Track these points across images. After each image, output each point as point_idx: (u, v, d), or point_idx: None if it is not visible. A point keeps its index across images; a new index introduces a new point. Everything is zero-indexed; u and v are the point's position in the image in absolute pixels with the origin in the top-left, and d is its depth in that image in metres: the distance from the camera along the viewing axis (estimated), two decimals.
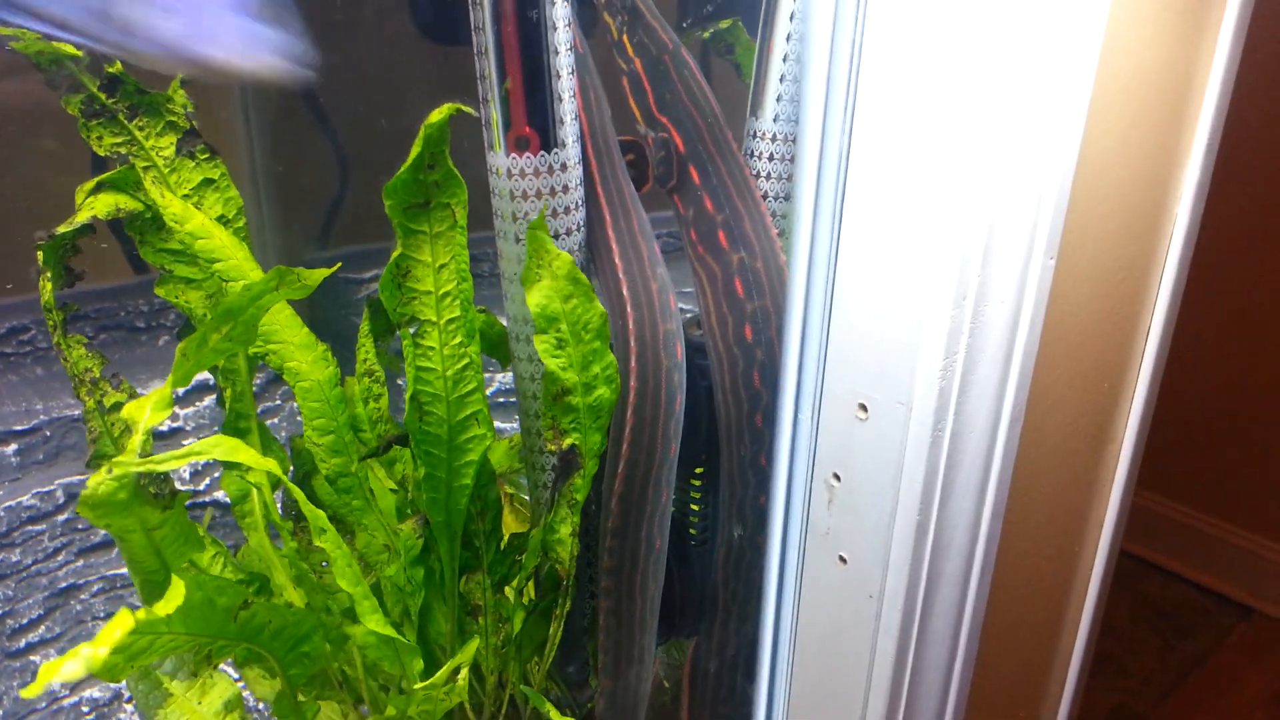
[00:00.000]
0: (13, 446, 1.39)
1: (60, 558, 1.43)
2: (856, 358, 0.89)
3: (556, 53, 0.89)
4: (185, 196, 1.07)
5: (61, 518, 1.41)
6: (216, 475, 1.57)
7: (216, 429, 1.56)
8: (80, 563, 1.45)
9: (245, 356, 1.10)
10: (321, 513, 0.91)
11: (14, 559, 1.38)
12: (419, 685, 0.98)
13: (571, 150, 0.94)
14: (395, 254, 0.95)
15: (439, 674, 0.98)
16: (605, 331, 0.95)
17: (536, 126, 0.91)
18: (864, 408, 0.90)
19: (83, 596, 1.46)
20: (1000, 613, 1.05)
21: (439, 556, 1.08)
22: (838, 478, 0.95)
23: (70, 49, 1.00)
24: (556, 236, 0.98)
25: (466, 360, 0.99)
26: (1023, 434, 0.93)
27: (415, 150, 0.89)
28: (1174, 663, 2.17)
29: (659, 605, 1.10)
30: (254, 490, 1.11)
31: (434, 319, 0.98)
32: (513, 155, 0.93)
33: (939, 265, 0.80)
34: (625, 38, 1.06)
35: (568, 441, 0.96)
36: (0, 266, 1.40)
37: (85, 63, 1.00)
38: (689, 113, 1.05)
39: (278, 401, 1.62)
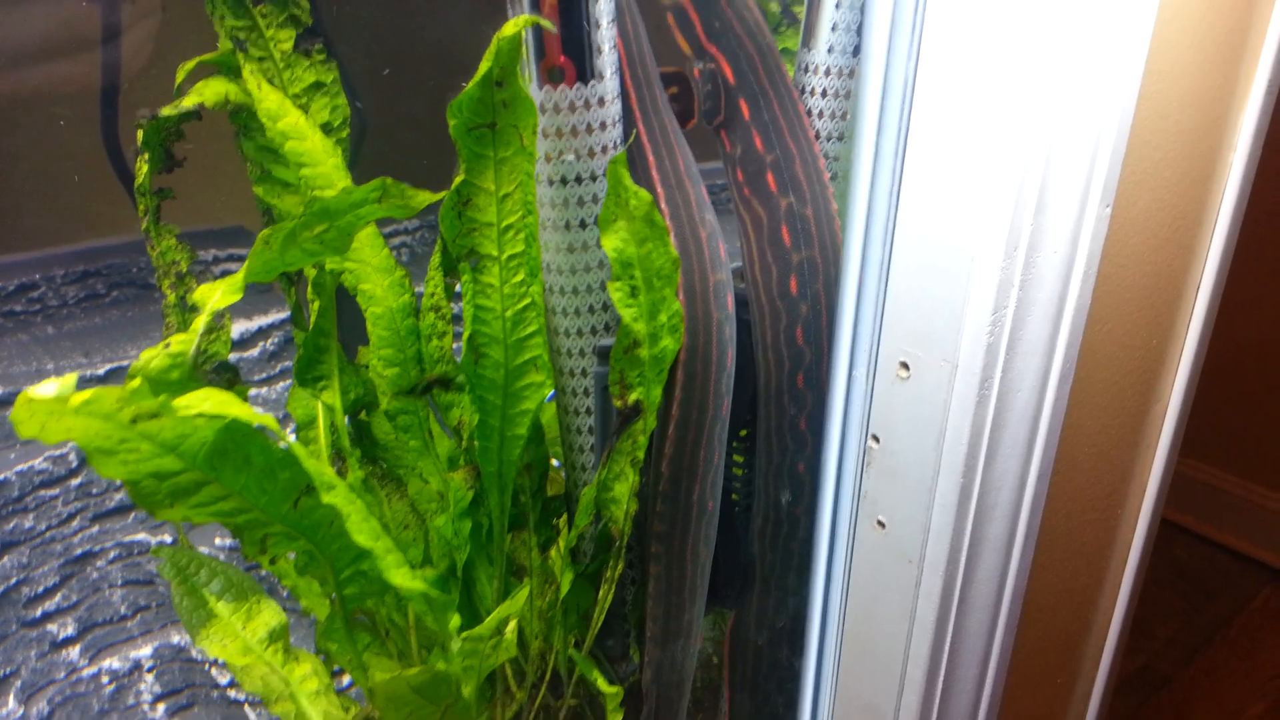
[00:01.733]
0: None
1: (75, 523, 1.40)
2: (897, 313, 0.85)
3: None
4: (294, 96, 1.02)
5: (75, 482, 1.38)
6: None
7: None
8: (96, 528, 1.42)
9: (333, 274, 1.05)
10: (329, 470, 0.85)
11: (27, 525, 1.35)
12: (464, 634, 0.94)
13: (610, 83, 0.87)
14: (457, 180, 0.88)
15: (485, 623, 0.93)
16: (675, 278, 0.89)
17: (572, 55, 0.84)
18: (905, 366, 0.86)
19: (99, 563, 1.42)
20: (1042, 578, 1.01)
21: (488, 511, 1.03)
22: (876, 439, 0.91)
23: None
24: (594, 178, 0.91)
25: (528, 300, 0.93)
26: (1071, 392, 0.89)
27: (484, 65, 0.82)
28: (1199, 625, 2.15)
29: (709, 573, 1.05)
30: (320, 413, 1.07)
31: (495, 254, 0.91)
32: (545, 88, 0.86)
33: (991, 211, 0.76)
34: None
35: (633, 397, 0.91)
36: (8, 224, 1.37)
37: None
38: (741, 42, 0.97)
39: (276, 371, 1.58)
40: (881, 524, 0.93)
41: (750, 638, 1.13)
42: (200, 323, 0.82)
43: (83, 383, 1.40)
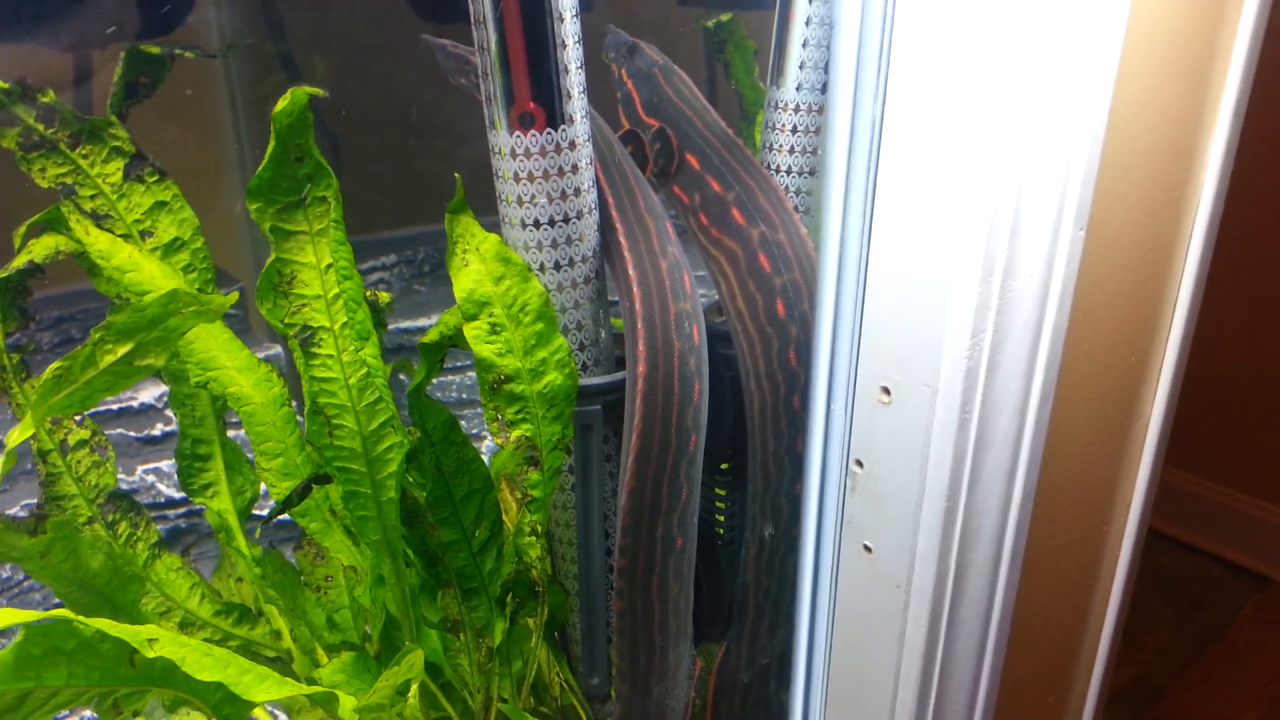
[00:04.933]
0: None
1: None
2: (877, 339, 0.86)
3: (561, 19, 0.83)
4: (137, 221, 1.03)
5: None
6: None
7: None
8: None
9: (202, 385, 1.06)
10: (148, 627, 0.80)
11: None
12: (357, 707, 0.91)
13: (580, 126, 0.88)
14: (271, 260, 0.88)
15: (376, 690, 0.91)
16: (549, 313, 0.89)
17: (542, 101, 0.84)
18: (886, 391, 0.87)
19: None
20: (1029, 598, 1.02)
21: (386, 577, 1.02)
22: (860, 464, 0.91)
23: None
24: (567, 220, 0.92)
25: (366, 368, 0.93)
26: (1051, 413, 0.90)
27: (272, 145, 0.82)
28: (1190, 635, 2.15)
29: (688, 610, 1.04)
30: (223, 520, 1.08)
31: (328, 324, 0.91)
32: (516, 133, 0.86)
33: (966, 238, 0.76)
34: (624, 71, 1.06)
35: (516, 433, 0.91)
36: None
37: (17, 94, 0.96)
38: (678, 108, 1.02)
39: None
40: (868, 548, 0.93)
41: (744, 667, 1.12)
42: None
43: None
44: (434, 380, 1.04)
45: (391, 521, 0.98)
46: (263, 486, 1.10)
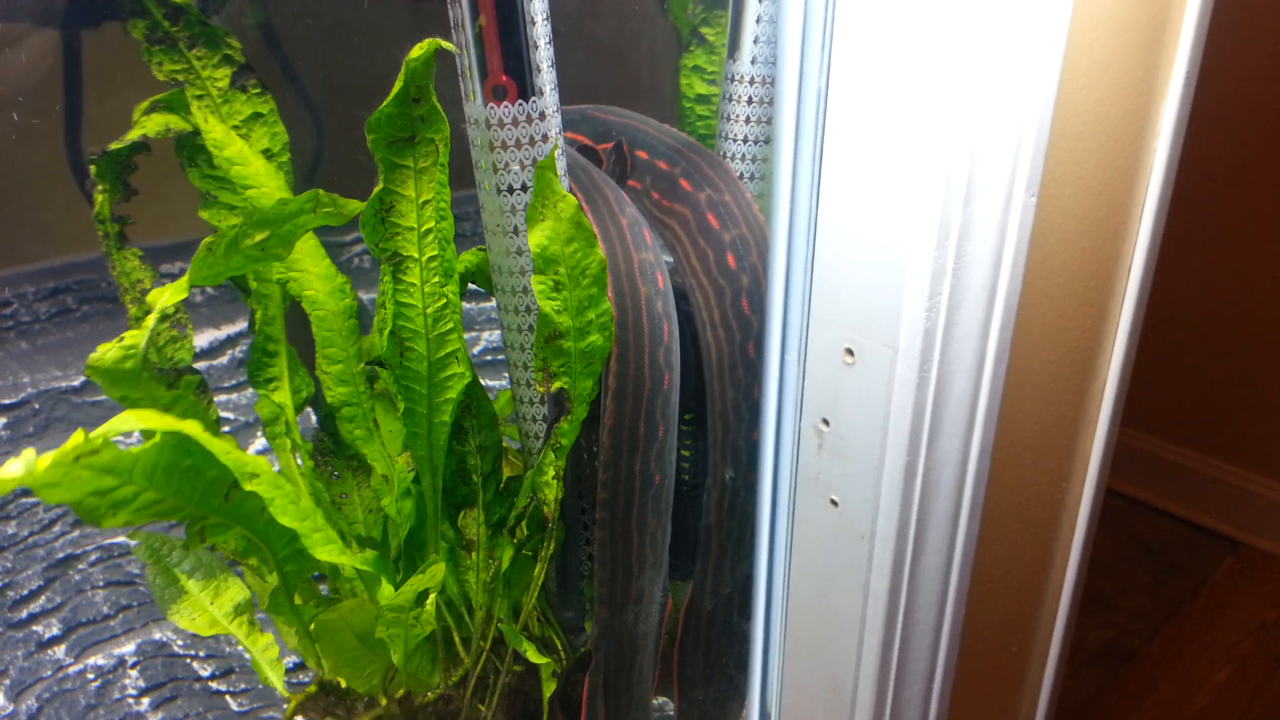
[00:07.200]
0: (1, 420, 1.39)
1: (56, 529, 1.44)
2: (842, 303, 0.90)
3: None
4: (235, 128, 1.10)
5: None
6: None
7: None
8: (76, 533, 1.45)
9: (280, 283, 1.12)
10: (256, 461, 0.89)
11: (10, 531, 1.38)
12: (384, 603, 1.00)
13: (550, 98, 0.93)
14: (378, 188, 0.95)
15: (401, 593, 1.00)
16: (603, 279, 0.95)
17: (513, 74, 0.89)
18: (850, 352, 0.91)
19: (81, 566, 1.46)
20: (991, 551, 1.06)
21: (422, 491, 1.10)
22: (826, 422, 0.96)
23: None
24: None
25: (445, 300, 1.00)
26: (1008, 373, 0.94)
27: (399, 84, 0.89)
28: (1163, 598, 2.20)
29: (664, 543, 1.09)
30: (282, 412, 1.14)
31: (416, 255, 0.98)
32: (490, 105, 0.92)
33: (921, 205, 0.80)
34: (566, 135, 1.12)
35: (557, 385, 0.97)
36: None
37: None
38: (625, 124, 1.10)
39: (245, 378, 1.63)
40: (835, 503, 0.98)
41: (709, 598, 1.18)
42: (151, 320, 0.89)
43: (58, 395, 1.44)
44: None
45: (439, 442, 1.06)
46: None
